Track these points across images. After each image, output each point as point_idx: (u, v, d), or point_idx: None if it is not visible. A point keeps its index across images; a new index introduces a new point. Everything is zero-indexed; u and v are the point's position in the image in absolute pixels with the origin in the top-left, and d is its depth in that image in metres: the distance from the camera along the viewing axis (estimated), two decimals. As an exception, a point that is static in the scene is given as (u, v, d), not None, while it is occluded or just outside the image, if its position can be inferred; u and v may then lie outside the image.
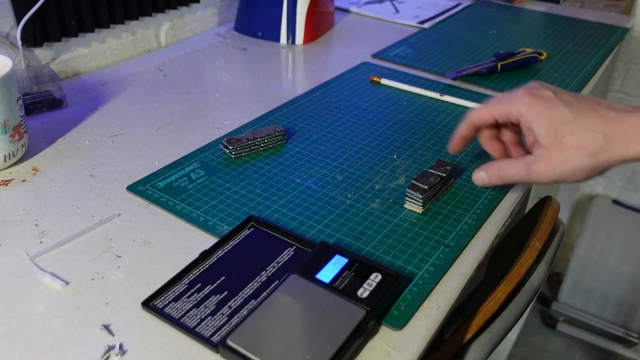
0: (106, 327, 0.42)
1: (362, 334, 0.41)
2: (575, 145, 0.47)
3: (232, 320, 0.43)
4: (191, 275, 0.47)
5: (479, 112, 0.55)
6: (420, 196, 0.55)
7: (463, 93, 0.84)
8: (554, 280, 1.97)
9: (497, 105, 0.53)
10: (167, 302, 0.44)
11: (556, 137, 0.48)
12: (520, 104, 0.51)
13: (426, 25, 1.14)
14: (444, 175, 0.58)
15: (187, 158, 0.65)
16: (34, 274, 0.48)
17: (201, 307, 0.44)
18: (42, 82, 0.76)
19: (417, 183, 0.56)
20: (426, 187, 0.56)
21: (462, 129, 0.57)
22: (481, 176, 0.56)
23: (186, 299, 0.45)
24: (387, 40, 1.05)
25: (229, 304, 0.44)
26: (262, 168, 0.63)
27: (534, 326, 1.84)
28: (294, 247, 0.50)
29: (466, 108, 0.79)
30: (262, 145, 0.66)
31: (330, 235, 0.53)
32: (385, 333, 0.43)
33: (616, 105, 0.49)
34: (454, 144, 0.59)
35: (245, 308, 0.44)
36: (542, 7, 1.31)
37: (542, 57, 0.95)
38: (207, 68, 0.91)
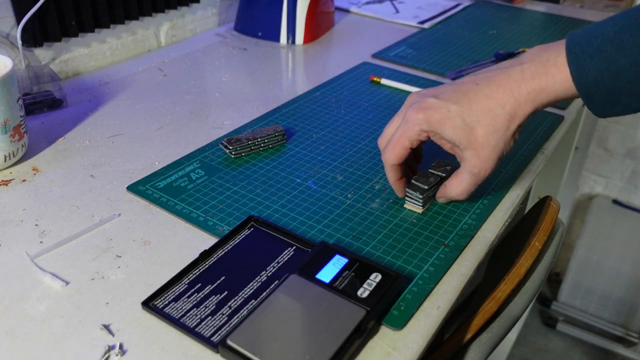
0: (106, 327, 0.42)
1: (362, 334, 0.41)
2: (488, 130, 0.49)
3: (232, 320, 0.43)
4: (191, 275, 0.47)
5: (393, 153, 0.54)
6: (420, 196, 0.56)
7: (463, 93, 0.84)
8: (554, 280, 1.97)
9: (401, 137, 0.53)
10: (167, 302, 0.44)
11: (468, 134, 0.50)
12: (418, 124, 0.51)
13: (426, 26, 1.14)
14: (444, 175, 0.58)
15: (187, 158, 0.65)
16: (34, 274, 0.48)
17: (201, 307, 0.44)
18: (42, 82, 0.76)
19: (417, 183, 0.57)
20: (426, 187, 0.56)
21: (392, 176, 0.56)
22: (443, 194, 0.56)
23: (186, 299, 0.45)
24: (387, 40, 1.05)
25: (229, 304, 0.44)
26: (262, 168, 0.63)
27: (534, 326, 1.84)
28: (294, 247, 0.50)
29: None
30: (262, 145, 0.66)
31: (330, 235, 0.53)
32: (385, 333, 0.43)
33: (488, 71, 0.52)
34: (399, 190, 0.58)
35: (245, 308, 0.44)
36: (542, 7, 1.31)
37: (542, 57, 0.95)
38: (207, 68, 0.91)
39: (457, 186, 0.54)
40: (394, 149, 0.53)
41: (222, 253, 0.49)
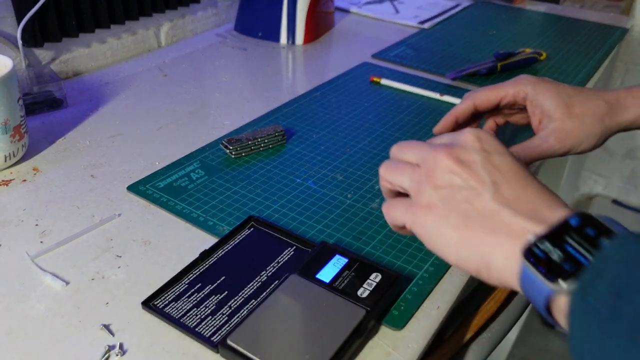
0: (106, 327, 0.42)
1: (362, 334, 0.41)
2: (586, 111, 0.53)
3: (232, 320, 0.43)
4: (191, 275, 0.47)
5: (483, 94, 0.56)
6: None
7: (463, 93, 0.84)
8: (554, 280, 1.96)
9: (502, 87, 0.55)
10: (167, 302, 0.44)
11: (566, 108, 0.53)
12: (526, 84, 0.54)
13: (426, 26, 1.14)
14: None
15: (188, 158, 0.65)
16: (34, 274, 0.48)
17: (201, 307, 0.44)
18: (43, 82, 0.76)
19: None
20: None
21: (461, 109, 0.57)
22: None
23: (186, 298, 0.45)
24: (387, 41, 1.05)
25: (229, 303, 0.44)
26: (262, 168, 0.63)
27: (533, 326, 1.84)
28: (294, 247, 0.50)
29: (466, 108, 0.79)
30: (262, 145, 0.66)
31: (330, 235, 0.53)
32: (385, 333, 0.43)
33: (601, 89, 0.56)
34: (445, 122, 0.57)
35: (245, 308, 0.44)
36: (542, 8, 1.31)
37: (542, 58, 0.95)
38: (207, 68, 0.91)
39: (524, 147, 0.54)
40: (486, 92, 0.55)
41: (222, 253, 0.49)
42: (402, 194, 0.43)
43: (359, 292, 0.44)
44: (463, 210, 0.37)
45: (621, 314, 0.28)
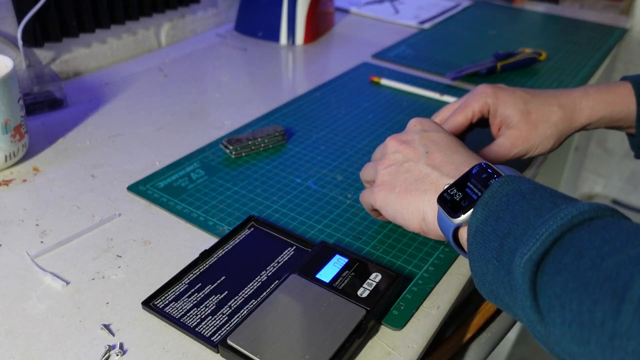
0: (106, 327, 0.43)
1: (362, 333, 0.41)
2: (540, 118, 0.56)
3: (232, 320, 0.43)
4: (191, 275, 0.47)
5: (455, 120, 0.57)
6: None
7: (463, 93, 0.84)
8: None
9: (468, 107, 0.57)
10: (167, 301, 0.44)
11: (522, 115, 0.55)
12: (487, 96, 0.57)
13: (426, 26, 1.15)
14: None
15: (188, 158, 0.65)
16: (34, 274, 0.48)
17: (201, 306, 0.44)
18: (43, 82, 0.76)
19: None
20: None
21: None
22: None
23: (186, 298, 0.45)
24: (387, 41, 1.05)
25: (229, 303, 0.44)
26: (262, 168, 0.63)
27: (533, 326, 1.84)
28: (294, 247, 0.50)
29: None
30: (262, 145, 0.66)
31: (330, 235, 0.53)
32: (385, 333, 0.43)
33: (559, 89, 0.59)
34: None
35: (245, 308, 0.44)
36: (541, 8, 1.31)
37: (542, 58, 0.95)
38: (208, 68, 0.91)
39: (498, 148, 0.56)
40: (456, 117, 0.57)
41: (222, 253, 0.49)
42: None
43: (359, 292, 0.44)
44: (404, 179, 0.46)
45: (498, 234, 0.36)
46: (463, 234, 0.41)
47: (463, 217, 0.40)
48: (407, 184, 0.46)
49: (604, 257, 0.30)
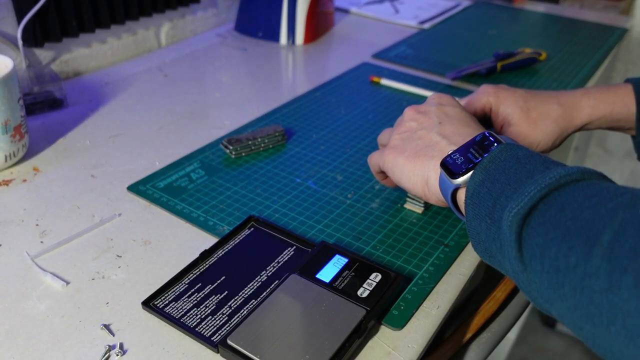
0: (106, 327, 0.43)
1: (362, 333, 0.41)
2: (540, 115, 0.57)
3: (232, 320, 0.43)
4: (191, 275, 0.47)
5: None
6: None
7: (463, 93, 0.84)
8: (554, 280, 1.96)
9: (470, 106, 0.59)
10: (167, 301, 0.44)
11: (523, 112, 0.57)
12: (488, 96, 0.58)
13: (426, 26, 1.15)
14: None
15: (188, 158, 0.65)
16: (34, 274, 0.48)
17: (201, 306, 0.44)
18: (43, 82, 0.76)
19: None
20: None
21: None
22: None
23: (186, 298, 0.45)
24: (387, 41, 1.05)
25: (229, 303, 0.44)
26: (262, 168, 0.63)
27: (533, 326, 1.84)
28: (294, 247, 0.50)
29: (466, 108, 0.79)
30: (262, 145, 0.66)
31: (330, 235, 0.53)
32: (385, 333, 0.43)
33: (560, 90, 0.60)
34: None
35: (245, 308, 0.44)
36: (541, 8, 1.31)
37: (542, 58, 0.95)
38: (208, 68, 0.91)
39: None
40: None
41: (222, 253, 0.49)
42: None
43: (359, 292, 0.44)
44: (415, 145, 0.49)
45: (492, 194, 0.38)
46: (461, 196, 0.43)
47: (461, 178, 0.42)
48: (417, 149, 0.48)
49: (584, 209, 0.32)
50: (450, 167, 0.43)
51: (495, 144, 0.42)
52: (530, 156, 0.39)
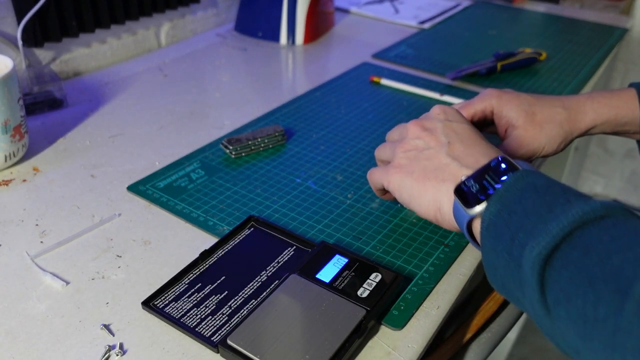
0: (106, 327, 0.42)
1: (362, 333, 0.41)
2: (545, 119, 0.56)
3: (232, 320, 0.43)
4: (191, 275, 0.47)
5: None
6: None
7: (463, 93, 0.84)
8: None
9: (471, 105, 0.58)
10: (167, 301, 0.44)
11: (527, 116, 0.56)
12: (491, 98, 0.58)
13: (426, 26, 1.15)
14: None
15: (188, 158, 0.65)
16: (34, 274, 0.48)
17: (201, 306, 0.44)
18: (43, 82, 0.76)
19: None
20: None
21: None
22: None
23: (186, 298, 0.45)
24: (387, 41, 1.05)
25: (229, 303, 0.44)
26: (262, 168, 0.63)
27: (533, 326, 1.84)
28: (294, 247, 0.50)
29: (466, 108, 0.79)
30: (262, 145, 0.66)
31: (330, 235, 0.53)
32: (385, 333, 0.43)
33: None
34: None
35: (245, 308, 0.44)
36: (541, 8, 1.31)
37: (542, 58, 0.95)
38: (207, 68, 0.91)
39: (505, 149, 0.57)
40: (460, 110, 0.58)
41: (222, 253, 0.49)
42: None
43: (359, 292, 0.44)
44: (423, 166, 0.46)
45: (510, 227, 0.37)
46: (477, 226, 0.41)
47: (478, 208, 0.40)
48: (426, 171, 0.46)
49: (611, 253, 0.30)
50: (465, 195, 0.41)
51: (512, 170, 0.40)
52: (549, 185, 0.37)
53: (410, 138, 0.49)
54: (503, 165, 0.41)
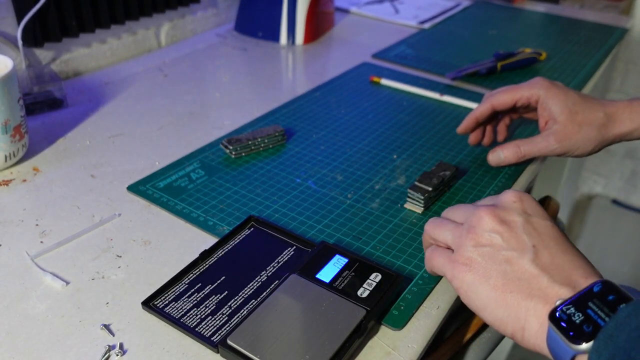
0: (106, 327, 0.42)
1: (362, 333, 0.41)
2: (586, 120, 0.58)
3: (232, 320, 0.43)
4: (191, 275, 0.47)
5: (501, 97, 0.62)
6: (422, 197, 0.56)
7: (463, 93, 0.84)
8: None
9: (518, 90, 0.61)
10: (167, 301, 0.44)
11: (570, 114, 0.58)
12: (540, 88, 0.60)
13: (426, 26, 1.15)
14: (447, 175, 0.58)
15: (188, 158, 0.65)
16: (34, 274, 0.48)
17: (201, 306, 0.44)
18: (43, 82, 0.76)
19: (420, 184, 0.57)
20: (430, 189, 0.56)
21: (480, 111, 0.63)
22: (497, 154, 0.62)
23: (186, 298, 0.45)
24: (387, 41, 1.05)
25: (229, 303, 0.44)
26: (262, 168, 0.63)
27: (533, 326, 1.84)
28: (294, 247, 0.50)
29: (466, 108, 0.79)
30: (262, 145, 0.66)
31: (330, 235, 0.53)
32: (385, 333, 0.43)
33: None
34: (467, 124, 0.65)
35: (245, 308, 0.44)
36: (541, 8, 1.31)
37: (542, 58, 0.95)
38: (207, 68, 0.91)
39: (525, 144, 0.60)
40: (503, 95, 0.61)
41: (222, 253, 0.49)
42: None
43: (359, 292, 0.44)
44: (502, 271, 0.39)
45: None
46: None
47: (586, 345, 0.33)
48: (507, 279, 0.38)
49: None
50: (566, 324, 0.34)
51: (620, 302, 0.34)
52: None
53: (484, 230, 0.41)
54: (611, 293, 0.35)
